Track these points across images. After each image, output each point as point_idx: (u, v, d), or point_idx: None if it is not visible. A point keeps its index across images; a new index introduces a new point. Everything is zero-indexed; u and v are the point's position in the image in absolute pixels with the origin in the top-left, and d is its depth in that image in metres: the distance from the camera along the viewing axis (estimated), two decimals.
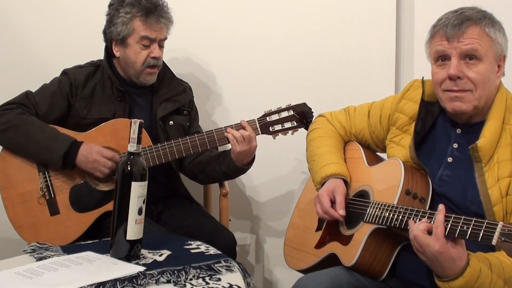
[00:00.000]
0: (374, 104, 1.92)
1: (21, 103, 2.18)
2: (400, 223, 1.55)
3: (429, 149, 1.69)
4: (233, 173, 2.28)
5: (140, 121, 1.60)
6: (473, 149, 1.54)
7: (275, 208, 2.81)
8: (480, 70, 1.55)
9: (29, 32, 2.62)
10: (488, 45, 1.55)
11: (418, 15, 2.67)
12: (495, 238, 1.30)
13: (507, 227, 1.29)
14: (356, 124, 1.94)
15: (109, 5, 2.25)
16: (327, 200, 1.76)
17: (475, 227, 1.34)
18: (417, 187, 1.63)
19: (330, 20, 2.69)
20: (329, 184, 1.80)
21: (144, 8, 2.18)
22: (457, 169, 1.61)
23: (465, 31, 1.55)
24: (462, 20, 1.56)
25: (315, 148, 1.95)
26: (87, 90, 2.24)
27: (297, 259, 1.93)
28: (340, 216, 1.73)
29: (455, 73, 1.55)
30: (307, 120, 2.20)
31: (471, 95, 1.56)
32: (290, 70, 2.71)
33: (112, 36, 2.22)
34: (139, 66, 2.22)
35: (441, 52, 1.59)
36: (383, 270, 1.65)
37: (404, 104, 1.79)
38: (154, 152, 2.16)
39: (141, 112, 2.30)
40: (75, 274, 1.49)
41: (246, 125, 2.18)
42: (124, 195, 1.58)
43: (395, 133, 1.80)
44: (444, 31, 1.58)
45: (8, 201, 2.14)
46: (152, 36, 2.20)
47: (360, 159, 1.87)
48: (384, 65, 2.69)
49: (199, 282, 1.50)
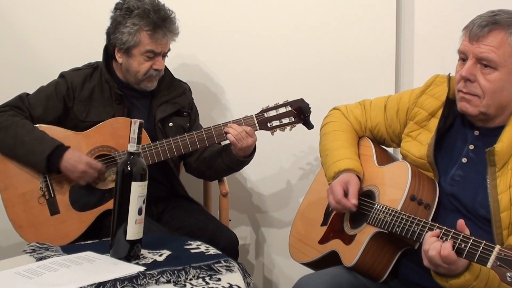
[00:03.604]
0: (391, 98, 1.89)
1: (15, 106, 2.18)
2: (401, 231, 1.55)
3: (446, 148, 1.68)
4: (237, 166, 2.29)
5: (140, 121, 1.59)
6: (490, 152, 1.52)
7: (275, 207, 2.81)
8: (493, 79, 1.52)
9: (28, 32, 2.62)
10: (508, 55, 1.51)
11: (418, 15, 2.67)
12: (491, 262, 1.30)
13: (504, 251, 1.29)
14: (372, 118, 1.91)
15: (116, 8, 2.21)
16: (340, 190, 1.73)
17: (472, 246, 1.35)
18: (423, 193, 1.62)
19: (330, 20, 2.69)
20: (343, 176, 1.78)
21: (152, 22, 2.15)
22: (470, 171, 1.60)
23: (488, 36, 1.51)
24: (489, 23, 1.52)
25: (329, 142, 1.92)
26: (85, 93, 2.24)
27: (301, 251, 1.93)
28: (352, 205, 1.70)
29: (465, 75, 1.54)
30: (304, 116, 2.20)
31: (478, 101, 1.55)
32: (290, 69, 2.71)
33: (116, 42, 2.20)
34: (141, 76, 2.21)
35: (462, 51, 1.57)
36: (383, 272, 1.65)
37: (425, 99, 1.76)
38: (153, 149, 2.16)
39: (140, 115, 2.28)
40: (75, 274, 1.49)
41: (233, 125, 2.17)
42: (124, 195, 1.58)
43: (412, 128, 1.77)
44: (469, 31, 1.55)
45: (9, 202, 2.14)
46: (158, 50, 2.19)
47: (370, 157, 1.86)
48: (384, 65, 2.69)
49: (199, 282, 1.50)
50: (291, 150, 2.68)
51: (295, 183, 2.77)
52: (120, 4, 2.21)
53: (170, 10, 2.22)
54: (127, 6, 2.18)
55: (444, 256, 1.37)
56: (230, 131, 2.15)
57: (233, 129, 2.15)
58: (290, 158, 2.74)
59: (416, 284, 1.64)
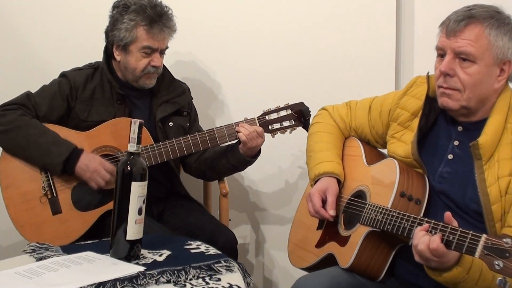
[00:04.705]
0: (376, 99, 1.91)
1: (22, 104, 2.18)
2: (392, 228, 1.55)
3: (430, 146, 1.69)
4: (242, 166, 2.31)
5: (140, 121, 1.60)
6: (474, 146, 1.53)
7: (275, 207, 2.81)
8: (472, 72, 1.53)
9: (29, 32, 2.63)
10: (485, 48, 1.52)
11: (418, 15, 2.66)
12: (478, 251, 1.30)
13: (491, 240, 1.29)
14: (357, 118, 1.93)
15: (114, 7, 2.24)
16: (318, 200, 1.77)
17: (460, 237, 1.35)
18: (412, 189, 1.63)
19: (330, 20, 2.69)
20: (322, 183, 1.81)
21: (148, 17, 2.17)
22: (457, 167, 1.61)
23: (464, 30, 1.53)
24: (465, 17, 1.54)
25: (313, 143, 1.95)
26: (87, 93, 2.25)
27: (300, 257, 1.94)
28: (330, 216, 1.75)
29: (444, 70, 1.55)
30: (305, 119, 2.22)
31: (459, 95, 1.56)
32: (290, 70, 2.71)
33: (114, 40, 2.22)
34: (138, 72, 2.22)
35: (440, 47, 1.59)
36: (379, 272, 1.65)
37: (406, 100, 1.77)
38: (156, 150, 2.17)
39: (141, 114, 2.30)
40: (75, 274, 1.50)
41: (245, 125, 2.20)
42: (124, 195, 1.58)
43: (396, 129, 1.79)
44: (446, 26, 1.57)
45: (10, 201, 2.14)
46: (155, 46, 2.20)
47: (359, 157, 1.87)
48: (384, 65, 2.69)
49: (199, 282, 1.51)
50: (290, 150, 2.69)
51: (295, 183, 2.77)
52: (117, 2, 2.23)
53: (167, 7, 2.24)
54: (124, 3, 2.20)
55: (433, 249, 1.37)
56: (242, 130, 2.18)
57: (244, 129, 2.18)
58: (289, 158, 2.74)
59: (414, 284, 1.64)
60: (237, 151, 2.22)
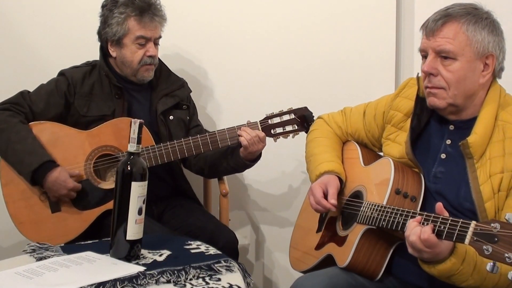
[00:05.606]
0: (370, 104, 1.94)
1: (15, 103, 2.19)
2: (387, 224, 1.56)
3: (424, 146, 1.70)
4: (242, 168, 2.32)
5: (140, 121, 1.60)
6: (464, 145, 1.54)
7: (275, 208, 2.81)
8: (455, 69, 1.55)
9: (28, 31, 2.62)
10: (464, 44, 1.54)
11: (418, 15, 2.66)
12: (468, 238, 1.31)
13: (480, 226, 1.30)
14: (352, 124, 1.95)
15: (102, 6, 2.26)
16: (319, 191, 1.77)
17: (450, 226, 1.36)
18: (407, 186, 1.63)
19: (330, 20, 2.69)
20: (323, 178, 1.82)
21: (138, 7, 2.19)
22: (450, 166, 1.62)
23: (442, 28, 1.56)
24: (442, 16, 1.57)
25: (312, 148, 1.97)
26: (85, 88, 2.25)
27: (300, 260, 1.95)
28: (331, 206, 1.74)
29: (427, 69, 1.58)
30: (308, 124, 2.21)
31: (444, 93, 1.58)
32: (291, 71, 2.71)
33: (107, 37, 2.23)
34: (136, 65, 2.23)
35: (422, 49, 1.62)
36: (378, 270, 1.65)
37: (399, 101, 1.79)
38: (157, 151, 2.16)
39: (140, 108, 2.31)
40: (75, 274, 1.50)
41: (247, 129, 2.19)
42: (124, 195, 1.59)
43: (390, 131, 1.80)
44: (425, 27, 1.60)
45: (10, 197, 2.14)
46: (148, 35, 2.21)
47: (356, 159, 1.88)
48: (384, 65, 2.69)
49: (199, 282, 1.51)
50: (290, 150, 2.67)
51: (295, 183, 2.77)
52: (106, 1, 2.25)
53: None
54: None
55: (424, 239, 1.38)
56: (244, 135, 2.17)
57: (246, 133, 2.17)
58: (289, 158, 2.74)
59: (412, 283, 1.64)
60: (237, 154, 2.22)
